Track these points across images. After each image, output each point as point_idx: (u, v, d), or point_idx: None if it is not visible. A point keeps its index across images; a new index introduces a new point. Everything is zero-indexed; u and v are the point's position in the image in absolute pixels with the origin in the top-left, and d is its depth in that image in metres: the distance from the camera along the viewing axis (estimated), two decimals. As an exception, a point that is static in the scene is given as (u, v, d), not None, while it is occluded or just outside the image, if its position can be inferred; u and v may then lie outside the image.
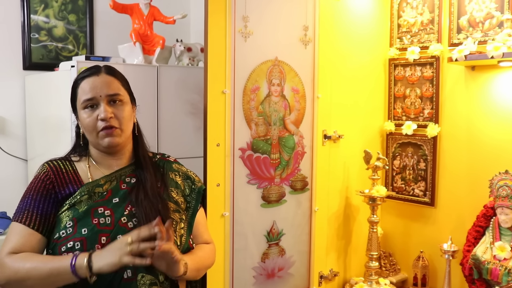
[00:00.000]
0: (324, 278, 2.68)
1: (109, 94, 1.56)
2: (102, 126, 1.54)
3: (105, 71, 1.61)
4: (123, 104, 1.59)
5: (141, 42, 2.80)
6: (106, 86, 1.57)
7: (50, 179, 1.57)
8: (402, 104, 2.90)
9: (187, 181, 1.73)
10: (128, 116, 1.60)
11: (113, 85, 1.58)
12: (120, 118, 1.57)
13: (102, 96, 1.55)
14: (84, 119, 1.57)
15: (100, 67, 1.62)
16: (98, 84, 1.56)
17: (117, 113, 1.56)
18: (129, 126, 1.61)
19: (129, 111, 1.62)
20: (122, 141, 1.59)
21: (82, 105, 1.57)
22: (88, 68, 1.63)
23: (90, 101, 1.55)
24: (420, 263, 2.75)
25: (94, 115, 1.55)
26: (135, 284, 1.46)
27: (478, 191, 2.55)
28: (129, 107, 1.62)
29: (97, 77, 1.58)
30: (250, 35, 2.25)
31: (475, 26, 2.55)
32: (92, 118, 1.55)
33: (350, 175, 2.81)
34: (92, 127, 1.55)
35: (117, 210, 1.54)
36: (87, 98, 1.55)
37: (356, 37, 2.78)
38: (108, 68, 1.63)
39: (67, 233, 1.49)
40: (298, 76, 2.45)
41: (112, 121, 1.55)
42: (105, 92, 1.56)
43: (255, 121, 2.30)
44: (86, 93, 1.56)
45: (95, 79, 1.57)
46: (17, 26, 2.99)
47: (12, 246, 1.49)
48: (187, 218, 1.67)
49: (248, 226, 2.32)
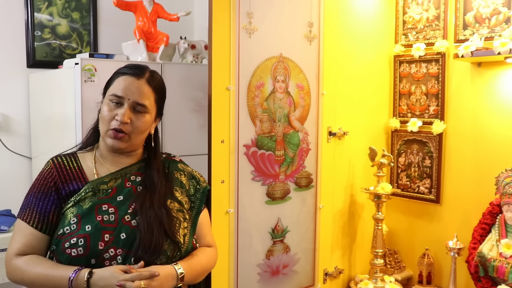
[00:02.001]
0: (329, 275, 2.67)
1: (136, 102, 1.57)
2: (114, 127, 1.55)
3: (147, 78, 1.61)
4: (144, 116, 1.59)
5: (145, 39, 2.80)
6: (138, 93, 1.57)
7: (53, 177, 1.58)
8: (407, 101, 2.88)
9: (192, 181, 1.73)
10: (144, 129, 1.61)
11: (146, 95, 1.59)
12: (134, 127, 1.58)
13: (131, 100, 1.56)
14: (104, 111, 1.58)
15: (145, 72, 1.62)
16: (133, 88, 1.57)
17: (134, 121, 1.57)
18: (139, 137, 1.62)
19: (147, 124, 1.62)
20: (126, 147, 1.60)
21: (110, 97, 1.58)
22: (134, 66, 1.63)
23: (118, 98, 1.57)
24: (426, 260, 2.73)
25: (114, 112, 1.56)
26: None
27: (484, 188, 2.54)
28: (150, 119, 1.62)
29: (136, 80, 1.58)
30: (255, 31, 2.24)
31: (482, 22, 2.53)
32: (111, 114, 1.56)
33: (355, 172, 2.80)
34: (107, 121, 1.57)
35: (121, 207, 1.55)
36: (117, 94, 1.57)
37: (361, 33, 2.77)
38: (151, 76, 1.63)
39: (71, 229, 1.50)
40: (303, 72, 2.44)
41: (126, 126, 1.56)
42: (134, 98, 1.57)
43: (260, 118, 2.29)
44: (118, 89, 1.57)
45: (133, 81, 1.58)
46: (21, 24, 2.99)
47: (17, 247, 1.54)
48: (191, 218, 1.67)
49: (253, 223, 2.32)
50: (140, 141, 1.64)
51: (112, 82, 1.61)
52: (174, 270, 1.52)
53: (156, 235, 1.51)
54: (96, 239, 1.48)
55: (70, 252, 1.47)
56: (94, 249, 1.46)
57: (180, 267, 1.54)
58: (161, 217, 1.56)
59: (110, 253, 1.47)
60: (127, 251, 1.48)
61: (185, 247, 1.60)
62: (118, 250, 1.47)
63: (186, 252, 1.60)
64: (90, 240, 1.47)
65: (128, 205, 1.56)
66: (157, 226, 1.53)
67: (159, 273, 1.45)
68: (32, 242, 1.54)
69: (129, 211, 1.54)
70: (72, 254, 1.47)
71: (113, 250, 1.47)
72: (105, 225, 1.50)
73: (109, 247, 1.48)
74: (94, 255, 1.47)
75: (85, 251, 1.46)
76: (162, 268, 1.49)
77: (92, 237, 1.48)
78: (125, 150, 1.61)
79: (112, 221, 1.52)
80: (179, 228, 1.60)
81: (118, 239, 1.49)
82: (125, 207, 1.55)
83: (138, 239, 1.49)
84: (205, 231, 1.73)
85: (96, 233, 1.49)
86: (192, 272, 1.58)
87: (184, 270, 1.54)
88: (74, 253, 1.47)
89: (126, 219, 1.53)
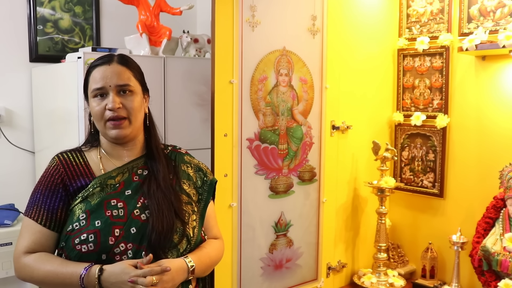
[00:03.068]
0: (332, 269, 2.67)
1: (118, 84, 1.56)
2: (110, 116, 1.54)
3: (117, 61, 1.60)
4: (133, 94, 1.58)
5: (148, 33, 2.78)
6: (116, 76, 1.56)
7: (60, 173, 1.57)
8: (411, 94, 2.87)
9: (199, 173, 1.73)
10: (138, 107, 1.59)
11: (124, 75, 1.57)
12: (128, 109, 1.56)
13: (112, 86, 1.55)
14: (93, 108, 1.57)
15: (113, 56, 1.61)
16: (108, 74, 1.56)
17: (126, 104, 1.56)
18: (138, 117, 1.60)
19: (139, 102, 1.60)
20: (130, 132, 1.58)
21: (92, 93, 1.57)
22: (101, 57, 1.62)
23: (100, 90, 1.55)
24: (429, 254, 2.73)
25: (102, 104, 1.55)
26: None
27: (488, 182, 2.53)
28: (139, 97, 1.61)
29: (108, 66, 1.57)
30: (258, 24, 2.23)
31: (486, 15, 2.52)
32: (100, 107, 1.55)
33: (358, 166, 2.80)
34: (100, 116, 1.55)
35: (130, 202, 1.54)
36: (97, 87, 1.55)
37: (364, 27, 2.75)
38: (121, 58, 1.62)
39: (80, 225, 1.49)
40: (306, 66, 2.43)
41: (120, 111, 1.54)
42: (115, 82, 1.55)
43: (263, 111, 2.29)
44: (96, 82, 1.56)
45: (106, 69, 1.57)
46: (23, 19, 2.98)
47: (26, 245, 1.53)
48: (199, 210, 1.67)
49: (256, 217, 2.31)
50: (140, 123, 1.63)
51: (88, 80, 1.60)
52: (185, 263, 1.52)
53: (166, 215, 1.51)
54: (106, 235, 1.47)
55: (80, 248, 1.46)
56: (105, 245, 1.46)
57: (191, 260, 1.54)
58: (170, 197, 1.56)
59: (121, 247, 1.47)
60: (137, 245, 1.47)
61: (195, 240, 1.60)
62: (129, 245, 1.47)
63: (196, 244, 1.60)
64: (100, 236, 1.47)
65: (136, 199, 1.55)
66: (167, 207, 1.53)
67: (170, 268, 1.45)
68: (40, 240, 1.53)
69: (138, 205, 1.54)
70: (83, 250, 1.46)
71: (123, 245, 1.47)
72: (115, 220, 1.50)
73: (120, 242, 1.47)
74: (105, 251, 1.46)
75: (96, 246, 1.46)
76: (172, 262, 1.49)
77: (102, 232, 1.47)
78: (130, 136, 1.59)
79: (122, 216, 1.51)
80: (189, 220, 1.60)
81: (128, 233, 1.49)
82: (133, 201, 1.55)
83: (151, 223, 1.49)
84: (212, 223, 1.73)
85: (106, 228, 1.48)
86: (202, 265, 1.58)
87: (194, 263, 1.54)
88: (85, 249, 1.46)
89: (135, 213, 1.52)
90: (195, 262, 1.55)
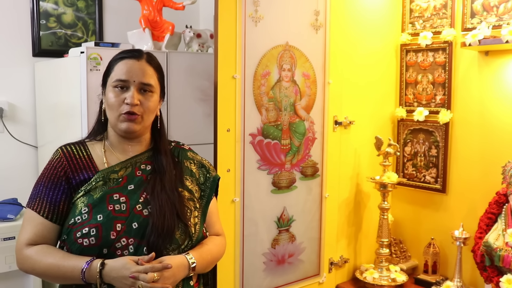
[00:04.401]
0: (334, 264, 2.68)
1: (142, 82, 1.57)
2: (126, 111, 1.54)
3: (147, 59, 1.61)
4: (152, 95, 1.60)
5: (151, 28, 2.78)
6: (142, 74, 1.57)
7: (63, 166, 1.57)
8: (414, 90, 2.87)
9: (202, 169, 1.73)
10: (153, 108, 1.61)
11: (149, 75, 1.59)
12: (145, 108, 1.57)
13: (136, 81, 1.56)
14: (110, 98, 1.57)
15: (143, 53, 1.62)
16: (135, 69, 1.56)
17: (143, 102, 1.57)
18: (150, 117, 1.62)
19: (156, 103, 1.62)
20: (139, 129, 1.59)
21: (114, 83, 1.56)
22: (130, 50, 1.64)
23: (123, 83, 1.55)
24: (431, 250, 2.73)
25: (121, 96, 1.55)
26: None
27: (490, 177, 2.53)
28: (156, 98, 1.62)
29: (136, 61, 1.58)
30: (261, 19, 2.23)
31: (490, 10, 2.51)
32: (119, 99, 1.55)
33: (361, 161, 2.80)
34: (116, 108, 1.55)
35: (132, 197, 1.54)
36: (121, 79, 1.55)
37: (367, 22, 2.75)
38: (149, 56, 1.63)
39: (82, 219, 1.49)
40: (309, 61, 2.42)
41: (137, 108, 1.55)
42: (139, 79, 1.56)
43: (266, 107, 2.29)
44: (121, 74, 1.56)
45: (134, 63, 1.57)
46: (26, 13, 2.98)
47: (28, 237, 1.53)
48: (201, 207, 1.67)
49: (259, 212, 2.32)
50: (150, 122, 1.64)
51: (112, 69, 1.59)
52: (186, 260, 1.52)
53: (168, 218, 1.51)
54: (108, 229, 1.47)
55: (82, 241, 1.47)
56: (106, 239, 1.46)
57: (192, 256, 1.54)
58: (173, 200, 1.56)
59: (122, 242, 1.47)
60: (139, 241, 1.48)
61: (196, 236, 1.60)
62: (130, 240, 1.47)
63: (197, 241, 1.60)
64: (102, 230, 1.47)
65: (139, 194, 1.55)
66: (169, 209, 1.53)
67: (172, 265, 1.45)
68: (42, 232, 1.53)
69: (140, 200, 1.54)
70: (84, 244, 1.47)
71: (125, 240, 1.47)
72: (117, 215, 1.50)
73: (121, 237, 1.48)
74: (106, 245, 1.47)
75: (97, 240, 1.46)
76: (174, 258, 1.50)
77: (104, 226, 1.48)
78: (138, 132, 1.60)
79: (124, 211, 1.51)
80: (190, 216, 1.60)
81: (130, 228, 1.49)
82: (136, 196, 1.55)
83: (151, 223, 1.49)
84: (214, 219, 1.74)
85: (108, 222, 1.48)
86: (203, 261, 1.58)
87: (196, 260, 1.54)
88: (86, 242, 1.46)
89: (137, 208, 1.52)
90: (196, 259, 1.55)
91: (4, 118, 2.89)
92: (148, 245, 1.49)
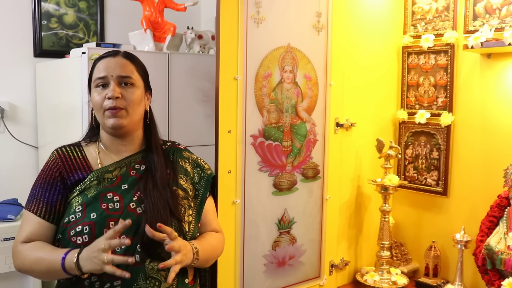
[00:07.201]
0: (335, 267, 2.67)
1: (120, 75, 1.59)
2: (108, 106, 1.56)
3: (123, 55, 1.65)
4: (134, 87, 1.61)
5: (152, 29, 2.78)
6: (119, 67, 1.59)
7: (58, 167, 1.60)
8: (416, 92, 2.86)
9: (197, 168, 1.74)
10: (137, 100, 1.61)
11: (127, 68, 1.61)
12: (127, 100, 1.58)
13: (114, 76, 1.58)
14: (94, 97, 1.60)
15: (119, 51, 1.66)
16: (112, 65, 1.59)
17: (125, 95, 1.58)
18: (136, 110, 1.62)
19: (139, 96, 1.62)
20: (127, 124, 1.60)
21: (94, 83, 1.60)
22: (108, 51, 1.67)
23: (102, 80, 1.58)
24: (432, 253, 2.72)
25: (103, 94, 1.58)
26: (143, 269, 1.50)
27: (492, 180, 2.52)
28: (140, 91, 1.63)
29: (113, 58, 1.62)
30: (263, 21, 2.23)
31: (492, 13, 2.50)
32: (101, 97, 1.58)
33: (362, 163, 2.79)
34: (100, 106, 1.58)
35: (126, 196, 1.56)
36: (99, 76, 1.59)
37: (369, 24, 2.74)
38: (126, 53, 1.67)
39: (76, 218, 1.51)
40: (310, 63, 2.42)
41: (119, 101, 1.56)
42: (117, 73, 1.58)
43: (267, 108, 2.28)
44: (99, 71, 1.59)
45: (110, 60, 1.61)
46: (28, 14, 2.98)
47: (24, 235, 1.56)
48: (196, 206, 1.68)
49: (259, 214, 2.31)
50: (138, 117, 1.65)
51: (93, 71, 1.63)
52: (189, 244, 1.54)
53: (161, 214, 1.52)
54: (101, 227, 1.49)
55: (75, 240, 1.48)
56: (99, 237, 1.47)
57: (193, 243, 1.56)
58: (166, 196, 1.57)
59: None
60: (132, 238, 1.48)
61: (190, 235, 1.61)
62: (122, 237, 1.48)
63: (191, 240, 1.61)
64: (95, 228, 1.49)
65: (133, 193, 1.57)
66: (162, 205, 1.54)
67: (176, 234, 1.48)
68: (39, 231, 1.56)
69: (134, 199, 1.56)
70: (78, 242, 1.48)
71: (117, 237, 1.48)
72: (110, 213, 1.52)
73: None
74: None
75: (90, 238, 1.47)
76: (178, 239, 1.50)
77: (97, 224, 1.49)
78: (127, 127, 1.60)
79: (118, 209, 1.53)
80: (185, 215, 1.61)
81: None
82: (130, 195, 1.56)
83: (144, 220, 1.50)
84: (210, 217, 1.74)
85: (101, 221, 1.50)
86: (204, 251, 1.59)
87: (197, 247, 1.56)
88: (80, 240, 1.48)
89: (131, 207, 1.54)
90: (198, 246, 1.56)
91: (5, 118, 2.89)
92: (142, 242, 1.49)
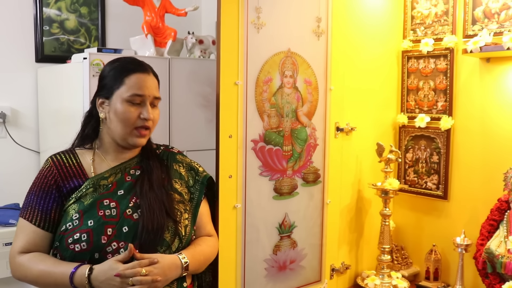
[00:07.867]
0: (335, 271, 2.67)
1: (155, 97, 1.63)
2: (141, 125, 1.58)
3: (152, 72, 1.67)
4: (157, 108, 1.67)
5: (153, 34, 2.80)
6: (155, 89, 1.64)
7: (53, 175, 1.60)
8: (415, 96, 2.87)
9: (191, 172, 1.76)
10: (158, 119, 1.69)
11: (158, 89, 1.67)
12: (154, 121, 1.65)
13: (151, 96, 1.61)
14: (125, 112, 1.58)
15: (147, 66, 1.66)
16: (150, 85, 1.62)
17: (154, 116, 1.63)
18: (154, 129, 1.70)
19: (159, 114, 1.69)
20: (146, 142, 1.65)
21: (129, 97, 1.58)
22: (134, 62, 1.65)
23: (139, 98, 1.58)
24: (433, 256, 2.73)
25: (137, 111, 1.58)
26: None
27: (492, 184, 2.53)
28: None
29: (148, 76, 1.63)
30: (263, 26, 2.24)
31: (491, 17, 2.52)
32: (135, 114, 1.58)
33: (362, 167, 2.80)
34: (132, 122, 1.59)
35: (122, 202, 1.56)
36: (138, 94, 1.59)
37: (369, 28, 2.76)
38: (152, 69, 1.68)
39: (73, 225, 1.51)
40: (310, 68, 2.43)
41: (150, 123, 1.61)
42: (153, 94, 1.62)
43: (268, 113, 2.29)
44: (137, 88, 1.59)
45: (146, 78, 1.62)
46: (29, 19, 3.00)
47: (21, 245, 1.56)
48: (191, 209, 1.69)
49: (260, 218, 2.32)
50: None
51: (123, 81, 1.59)
52: (178, 259, 1.54)
53: (157, 215, 1.54)
54: (99, 234, 1.49)
55: (73, 247, 1.48)
56: (97, 244, 1.48)
57: (184, 256, 1.56)
58: (161, 197, 1.58)
59: (113, 246, 1.49)
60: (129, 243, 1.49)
61: (186, 238, 1.62)
62: (121, 243, 1.49)
63: (187, 243, 1.63)
64: (93, 235, 1.49)
65: (129, 199, 1.58)
66: (158, 207, 1.56)
67: (158, 260, 1.46)
68: (35, 240, 1.55)
69: (130, 205, 1.56)
70: (76, 250, 1.48)
71: (115, 244, 1.49)
72: (108, 220, 1.52)
73: (112, 241, 1.49)
74: (97, 249, 1.48)
75: (89, 245, 1.48)
76: (165, 257, 1.51)
77: (95, 232, 1.49)
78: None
79: (114, 215, 1.53)
80: (181, 219, 1.61)
81: (120, 232, 1.51)
82: (126, 201, 1.57)
83: (141, 224, 1.51)
84: (205, 220, 1.76)
85: (99, 228, 1.50)
86: (195, 261, 1.60)
87: (188, 260, 1.56)
88: (78, 248, 1.48)
89: (127, 213, 1.54)
90: (189, 259, 1.57)
91: (6, 123, 2.90)
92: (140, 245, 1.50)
